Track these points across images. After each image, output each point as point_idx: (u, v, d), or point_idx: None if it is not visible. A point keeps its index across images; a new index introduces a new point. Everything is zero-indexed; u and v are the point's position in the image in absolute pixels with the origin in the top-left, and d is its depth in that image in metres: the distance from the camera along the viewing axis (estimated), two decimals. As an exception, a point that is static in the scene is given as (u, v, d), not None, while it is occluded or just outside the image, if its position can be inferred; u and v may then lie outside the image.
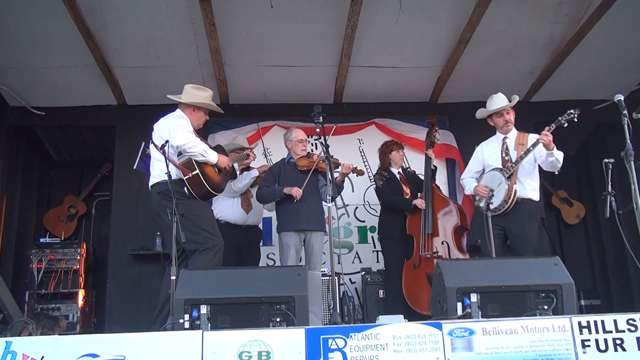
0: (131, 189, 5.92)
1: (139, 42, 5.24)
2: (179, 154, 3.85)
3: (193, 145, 3.79)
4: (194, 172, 3.76)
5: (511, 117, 4.48)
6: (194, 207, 3.78)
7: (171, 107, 4.19)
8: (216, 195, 4.08)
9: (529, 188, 4.30)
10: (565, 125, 4.08)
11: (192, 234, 3.66)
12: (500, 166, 4.38)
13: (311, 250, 4.55)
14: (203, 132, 4.59)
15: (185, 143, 3.76)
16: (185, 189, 3.76)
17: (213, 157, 3.95)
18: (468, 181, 4.66)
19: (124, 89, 5.97)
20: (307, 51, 5.50)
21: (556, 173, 4.31)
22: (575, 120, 4.06)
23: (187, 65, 5.58)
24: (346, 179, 6.06)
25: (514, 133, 4.47)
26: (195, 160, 3.81)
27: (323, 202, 4.60)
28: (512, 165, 4.27)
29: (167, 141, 3.63)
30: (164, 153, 3.64)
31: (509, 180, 4.24)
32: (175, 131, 3.80)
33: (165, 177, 3.72)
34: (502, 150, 4.43)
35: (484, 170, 4.55)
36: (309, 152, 4.72)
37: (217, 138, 5.95)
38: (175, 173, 3.77)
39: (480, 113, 4.64)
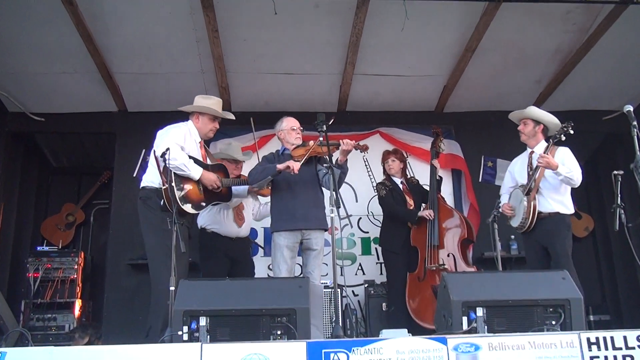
0: (131, 197, 5.88)
1: (141, 48, 5.27)
2: None
3: (172, 158, 3.66)
4: (170, 184, 3.66)
5: (525, 129, 4.40)
6: (164, 219, 3.63)
7: (173, 114, 4.21)
8: (190, 214, 3.91)
9: (555, 202, 4.24)
10: (564, 139, 4.09)
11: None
12: (526, 182, 4.34)
13: (310, 252, 4.11)
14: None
15: (161, 150, 3.69)
16: (162, 200, 3.71)
17: (195, 172, 3.84)
18: (503, 198, 4.59)
19: (125, 95, 5.99)
20: (310, 59, 5.52)
21: (576, 186, 4.25)
22: (571, 132, 4.07)
23: (189, 72, 5.60)
24: (349, 188, 6.16)
25: (541, 146, 4.34)
26: (175, 173, 3.73)
27: (324, 197, 4.18)
28: (529, 180, 4.26)
29: (168, 149, 3.63)
30: (156, 160, 3.66)
31: (528, 196, 4.23)
32: (161, 140, 3.80)
33: (149, 183, 3.74)
34: (527, 165, 4.40)
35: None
36: (304, 142, 4.24)
37: (218, 145, 5.96)
38: (158, 182, 3.78)
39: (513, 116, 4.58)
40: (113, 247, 5.95)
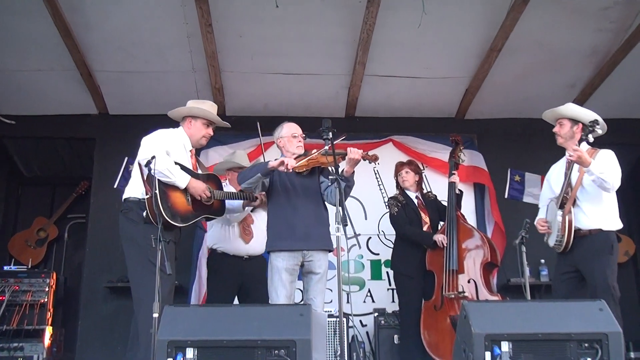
0: (110, 211, 5.90)
1: (125, 44, 5.30)
2: None
3: (157, 165, 3.66)
4: (154, 192, 3.66)
5: (561, 130, 4.24)
6: (147, 234, 3.61)
7: (159, 118, 4.23)
8: (177, 226, 3.88)
9: (595, 216, 4.09)
10: (592, 140, 4.00)
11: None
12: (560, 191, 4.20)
13: (312, 276, 4.07)
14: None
15: (145, 157, 3.70)
16: (145, 212, 3.72)
17: (180, 179, 3.84)
18: (540, 212, 4.47)
19: (106, 96, 6.03)
20: (315, 57, 5.55)
21: (610, 193, 4.11)
22: (599, 132, 3.94)
23: (179, 71, 5.64)
24: (358, 204, 6.16)
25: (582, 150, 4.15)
26: (160, 180, 3.74)
27: (328, 214, 4.20)
28: (564, 189, 4.12)
29: (153, 157, 3.64)
30: (140, 169, 3.67)
31: (562, 209, 4.11)
32: (146, 146, 3.81)
33: (132, 195, 3.76)
34: (565, 173, 4.20)
35: None
36: (306, 151, 4.20)
37: (210, 154, 5.98)
38: (141, 191, 3.79)
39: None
40: (90, 268, 5.95)
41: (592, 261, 4.02)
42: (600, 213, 4.10)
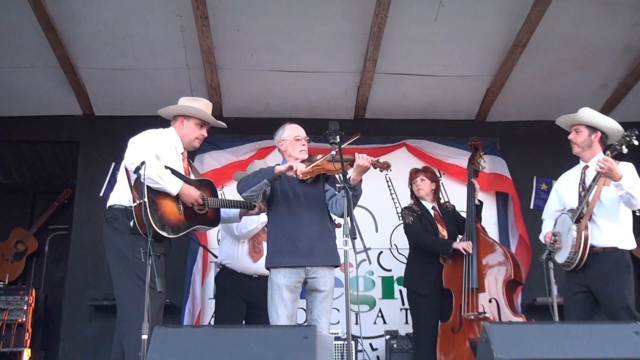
0: (95, 221, 5.93)
1: (113, 38, 5.33)
2: None
3: (148, 170, 3.65)
4: (143, 200, 3.64)
5: (578, 137, 4.30)
6: (134, 245, 3.63)
7: (150, 119, 4.23)
8: (168, 237, 3.85)
9: (611, 233, 4.12)
10: (626, 151, 4.00)
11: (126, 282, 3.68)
12: (577, 204, 4.22)
13: (316, 294, 4.03)
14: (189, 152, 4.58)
15: (132, 161, 3.69)
16: (132, 221, 3.71)
17: (172, 185, 3.81)
18: (545, 224, 4.54)
19: (92, 96, 6.05)
20: (321, 53, 5.57)
21: (637, 213, 4.20)
22: (635, 142, 3.94)
23: (172, 68, 5.67)
24: (368, 214, 6.16)
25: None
26: (149, 186, 3.72)
27: (334, 226, 4.20)
28: (582, 202, 4.15)
29: (143, 162, 3.64)
30: (127, 174, 3.68)
31: (578, 224, 4.14)
32: (133, 148, 3.80)
33: (117, 202, 3.78)
34: (579, 184, 4.28)
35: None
36: (310, 156, 4.18)
37: (205, 159, 5.99)
38: (128, 198, 3.79)
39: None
40: (72, 284, 5.95)
41: (608, 281, 4.04)
42: (617, 230, 4.14)
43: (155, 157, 3.81)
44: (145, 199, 3.65)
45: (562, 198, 4.43)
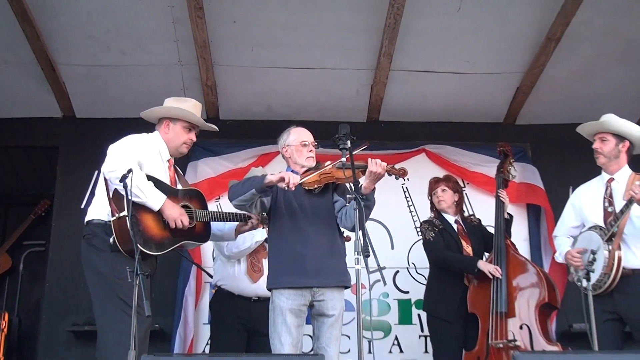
0: (76, 237, 5.80)
1: (97, 31, 5.35)
2: None
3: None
4: (121, 214, 3.64)
5: (604, 147, 4.34)
6: (115, 265, 3.63)
7: (138, 122, 4.23)
8: (151, 254, 3.85)
9: None
10: None
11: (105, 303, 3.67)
12: (602, 221, 4.28)
13: (324, 319, 4.00)
14: (180, 159, 4.58)
15: (111, 170, 3.69)
16: (112, 238, 3.69)
17: (154, 200, 3.79)
18: (560, 242, 4.59)
19: (73, 96, 6.08)
20: (330, 48, 5.59)
21: None
22: None
23: (163, 65, 5.70)
24: (383, 229, 6.14)
25: (625, 173, 4.32)
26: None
27: (344, 242, 4.19)
28: (614, 221, 4.17)
29: (130, 170, 3.64)
30: (106, 184, 3.69)
31: (610, 243, 4.16)
32: (113, 155, 3.78)
33: (96, 216, 3.80)
34: (604, 198, 4.33)
35: (583, 225, 4.48)
36: (318, 163, 4.20)
37: (200, 166, 5.99)
38: (107, 212, 3.79)
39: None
40: (50, 307, 5.96)
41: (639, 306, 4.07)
42: None
43: (137, 166, 3.80)
44: (127, 212, 3.57)
45: (582, 213, 4.47)
